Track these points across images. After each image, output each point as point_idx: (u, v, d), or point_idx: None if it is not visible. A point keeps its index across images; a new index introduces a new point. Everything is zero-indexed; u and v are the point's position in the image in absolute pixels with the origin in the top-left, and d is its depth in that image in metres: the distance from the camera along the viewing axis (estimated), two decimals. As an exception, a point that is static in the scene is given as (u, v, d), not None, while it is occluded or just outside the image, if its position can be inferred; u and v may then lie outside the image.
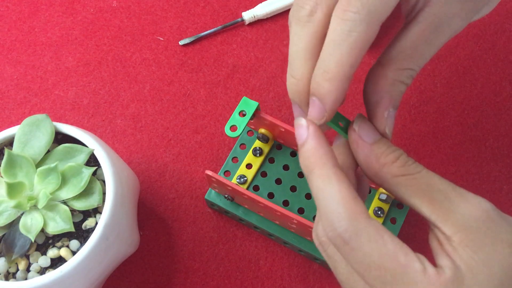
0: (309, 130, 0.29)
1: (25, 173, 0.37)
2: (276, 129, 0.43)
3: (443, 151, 0.48)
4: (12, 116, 0.50)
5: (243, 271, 0.44)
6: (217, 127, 0.49)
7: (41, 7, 0.55)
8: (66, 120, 0.50)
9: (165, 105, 0.50)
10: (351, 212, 0.26)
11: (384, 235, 0.26)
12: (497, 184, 0.47)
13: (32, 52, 0.53)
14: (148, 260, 0.45)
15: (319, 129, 0.29)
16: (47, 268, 0.36)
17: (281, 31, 0.54)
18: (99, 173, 0.39)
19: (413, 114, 0.50)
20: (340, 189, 0.27)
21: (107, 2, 0.55)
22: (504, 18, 0.54)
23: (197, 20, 0.54)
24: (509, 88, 0.51)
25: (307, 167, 0.29)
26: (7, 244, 0.36)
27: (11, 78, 0.52)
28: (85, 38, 0.54)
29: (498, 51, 0.52)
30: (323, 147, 0.28)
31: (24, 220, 0.36)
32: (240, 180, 0.44)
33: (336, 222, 0.26)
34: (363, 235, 0.26)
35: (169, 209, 0.46)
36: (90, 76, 0.52)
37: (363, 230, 0.26)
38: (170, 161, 0.48)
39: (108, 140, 0.49)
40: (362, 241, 0.26)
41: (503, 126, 0.49)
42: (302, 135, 0.29)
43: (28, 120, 0.38)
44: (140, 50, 0.53)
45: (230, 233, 0.45)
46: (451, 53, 0.52)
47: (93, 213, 0.38)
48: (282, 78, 0.51)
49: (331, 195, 0.27)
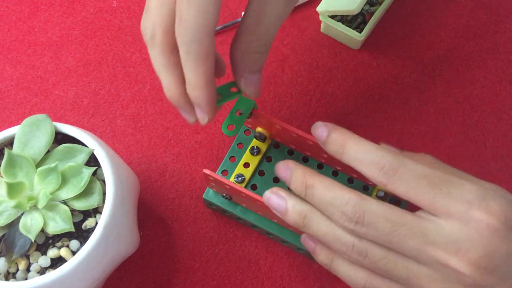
0: (328, 125, 0.35)
1: (25, 173, 0.37)
2: (273, 127, 0.43)
3: (443, 151, 0.48)
4: (12, 116, 0.50)
5: (243, 271, 0.44)
6: (217, 127, 0.49)
7: (41, 7, 0.55)
8: (66, 120, 0.50)
9: (165, 105, 0.50)
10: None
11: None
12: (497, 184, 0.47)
13: (32, 52, 0.53)
14: (148, 260, 0.45)
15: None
16: (47, 268, 0.36)
17: (281, 31, 0.54)
18: (99, 173, 0.39)
19: (413, 114, 0.50)
20: (373, 143, 0.34)
21: (107, 2, 0.55)
22: (504, 18, 0.54)
23: (197, 20, 0.54)
24: (509, 88, 0.51)
25: (340, 146, 0.34)
26: (7, 244, 0.36)
27: (11, 78, 0.52)
28: (85, 38, 0.54)
29: (498, 51, 0.52)
30: (346, 130, 0.35)
31: (24, 220, 0.36)
32: (238, 179, 0.44)
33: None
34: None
35: (169, 209, 0.46)
36: (90, 76, 0.52)
37: None
38: (170, 161, 0.48)
39: (108, 140, 0.49)
40: None
41: (503, 126, 0.49)
42: (324, 131, 0.35)
43: (28, 120, 0.38)
44: (140, 50, 0.53)
45: (230, 233, 0.45)
46: (451, 53, 0.52)
47: (93, 213, 0.38)
48: (282, 78, 0.51)
49: (371, 145, 0.33)
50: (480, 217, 0.29)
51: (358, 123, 0.49)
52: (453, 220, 0.30)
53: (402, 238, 0.30)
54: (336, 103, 0.50)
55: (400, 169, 0.31)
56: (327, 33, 0.53)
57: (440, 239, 0.30)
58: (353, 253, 0.32)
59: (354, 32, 0.50)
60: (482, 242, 0.29)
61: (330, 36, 0.53)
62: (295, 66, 0.52)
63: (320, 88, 0.51)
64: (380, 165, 0.31)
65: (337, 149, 0.34)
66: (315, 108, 0.50)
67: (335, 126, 0.35)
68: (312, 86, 0.51)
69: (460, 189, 0.30)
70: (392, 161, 0.31)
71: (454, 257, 0.29)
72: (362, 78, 0.51)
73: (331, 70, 0.52)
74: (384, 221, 0.30)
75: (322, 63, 0.52)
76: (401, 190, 0.31)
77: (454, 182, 0.30)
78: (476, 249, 0.29)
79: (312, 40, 0.53)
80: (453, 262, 0.29)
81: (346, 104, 0.50)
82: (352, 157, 0.33)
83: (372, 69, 0.52)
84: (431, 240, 0.30)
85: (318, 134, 0.35)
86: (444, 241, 0.29)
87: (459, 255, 0.29)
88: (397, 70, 0.52)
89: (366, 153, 0.32)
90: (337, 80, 0.51)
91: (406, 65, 0.52)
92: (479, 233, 0.29)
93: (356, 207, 0.31)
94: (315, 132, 0.35)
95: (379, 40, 0.53)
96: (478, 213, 0.29)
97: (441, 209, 0.30)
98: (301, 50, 0.53)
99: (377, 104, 0.50)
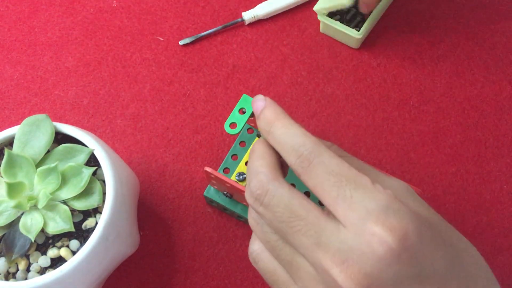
0: (267, 100, 0.32)
1: (25, 173, 0.37)
2: None
3: (443, 151, 0.48)
4: (12, 116, 0.50)
5: (243, 271, 0.44)
6: (217, 127, 0.49)
7: (41, 7, 0.55)
8: (66, 120, 0.50)
9: (165, 105, 0.50)
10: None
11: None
12: (497, 184, 0.47)
13: (32, 52, 0.53)
14: (148, 260, 0.45)
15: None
16: (47, 268, 0.36)
17: (281, 31, 0.54)
18: (99, 173, 0.39)
19: (413, 114, 0.50)
20: (302, 129, 0.30)
21: (107, 2, 0.55)
22: (504, 18, 0.54)
23: (197, 20, 0.55)
24: (509, 88, 0.51)
25: (268, 123, 0.31)
26: (7, 244, 0.36)
27: (11, 78, 0.52)
28: (85, 38, 0.54)
29: (498, 51, 0.52)
30: (281, 109, 0.31)
31: (24, 220, 0.36)
32: (239, 177, 0.44)
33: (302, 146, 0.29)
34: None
35: (169, 209, 0.46)
36: (90, 76, 0.52)
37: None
38: (170, 161, 0.48)
39: (108, 140, 0.49)
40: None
41: (503, 126, 0.49)
42: (260, 105, 0.32)
43: (28, 120, 0.38)
44: (140, 50, 0.53)
45: (230, 233, 0.45)
46: (451, 53, 0.52)
47: (93, 213, 0.38)
48: (282, 78, 0.51)
49: (299, 130, 0.30)
50: (375, 231, 0.26)
51: (358, 123, 0.49)
52: (349, 227, 0.27)
53: (295, 231, 0.28)
54: (336, 103, 0.50)
55: (315, 160, 0.28)
56: (326, 33, 0.53)
57: (332, 244, 0.27)
58: (251, 219, 0.31)
59: (353, 30, 0.50)
60: (371, 258, 0.26)
61: (330, 36, 0.53)
62: (295, 66, 0.52)
63: (320, 88, 0.51)
64: (299, 152, 0.29)
65: (264, 127, 0.31)
66: (315, 108, 0.50)
67: (272, 103, 0.32)
68: (312, 86, 0.51)
69: (365, 195, 0.27)
70: (312, 150, 0.29)
71: (337, 267, 0.26)
72: (362, 78, 0.51)
73: (331, 70, 0.52)
74: (283, 208, 0.28)
75: (322, 63, 0.52)
76: (310, 184, 0.28)
77: (363, 186, 0.27)
78: (362, 264, 0.26)
79: (312, 40, 0.53)
80: (335, 272, 0.26)
81: (346, 104, 0.50)
82: (277, 139, 0.30)
83: (372, 69, 0.52)
84: (322, 242, 0.27)
85: (255, 108, 0.32)
86: (334, 247, 0.27)
87: (342, 266, 0.26)
88: (397, 70, 0.52)
89: (290, 138, 0.30)
90: (337, 80, 0.51)
91: (406, 65, 0.52)
92: (370, 248, 0.26)
93: (262, 183, 0.29)
94: (253, 105, 0.33)
95: (379, 40, 0.53)
96: (373, 226, 0.26)
97: (340, 212, 0.27)
98: (301, 50, 0.53)
99: (377, 104, 0.50)
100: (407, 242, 0.26)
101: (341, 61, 0.52)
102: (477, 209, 0.46)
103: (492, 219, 0.46)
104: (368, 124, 0.49)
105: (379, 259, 0.26)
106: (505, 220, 0.46)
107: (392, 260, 0.26)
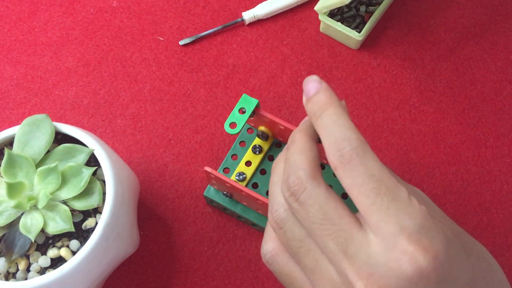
0: (323, 83, 0.31)
1: (25, 173, 0.37)
2: (276, 127, 0.43)
3: (443, 151, 0.48)
4: (12, 116, 0.50)
5: (243, 271, 0.44)
6: (217, 127, 0.49)
7: (41, 7, 0.55)
8: (66, 120, 0.50)
9: (165, 105, 0.50)
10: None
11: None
12: (497, 184, 0.47)
13: (32, 52, 0.53)
14: (148, 260, 0.45)
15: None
16: (47, 268, 0.36)
17: (281, 31, 0.54)
18: (99, 173, 0.39)
19: (413, 114, 0.50)
20: (352, 123, 0.29)
21: (107, 2, 0.55)
22: (504, 18, 0.54)
23: (197, 20, 0.55)
24: (509, 88, 0.51)
25: (320, 107, 0.30)
26: (7, 244, 0.36)
27: (11, 78, 0.52)
28: (85, 38, 0.54)
29: (498, 51, 0.52)
30: (336, 97, 0.30)
31: (24, 220, 0.36)
32: (239, 177, 0.44)
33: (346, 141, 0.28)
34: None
35: (169, 209, 0.46)
36: (90, 76, 0.52)
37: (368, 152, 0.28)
38: (170, 161, 0.48)
39: (108, 140, 0.49)
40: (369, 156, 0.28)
41: (503, 126, 0.49)
42: (314, 87, 0.31)
43: (28, 120, 0.38)
44: (140, 50, 0.53)
45: (230, 233, 0.45)
46: (451, 53, 0.52)
47: (93, 213, 0.38)
48: (282, 78, 0.51)
49: (348, 123, 0.29)
50: (407, 249, 0.25)
51: (358, 123, 0.49)
52: (380, 239, 0.26)
53: (325, 235, 0.27)
54: (336, 103, 0.50)
55: (356, 158, 0.27)
56: (326, 33, 0.53)
57: (360, 255, 0.26)
58: (273, 217, 0.30)
59: (353, 32, 0.50)
60: (398, 276, 0.25)
61: (330, 36, 0.53)
62: (295, 66, 0.52)
63: (320, 88, 0.51)
64: (341, 146, 0.28)
65: (315, 111, 0.30)
66: (315, 108, 0.50)
67: (328, 87, 0.31)
68: (312, 86, 0.51)
69: (401, 209, 0.26)
70: (356, 147, 0.27)
71: (361, 280, 0.26)
72: (362, 78, 0.51)
73: (330, 70, 0.52)
74: (317, 209, 0.28)
75: (321, 63, 0.52)
76: (345, 182, 0.27)
77: (400, 198, 0.26)
78: (387, 280, 0.25)
79: (312, 40, 0.53)
80: (359, 285, 0.26)
81: (346, 104, 0.50)
82: (324, 126, 0.29)
83: (372, 69, 0.52)
84: (350, 251, 0.26)
85: (307, 89, 0.31)
86: (362, 258, 0.26)
87: (368, 280, 0.26)
88: (397, 70, 0.52)
89: (337, 128, 0.28)
90: (337, 80, 0.51)
91: (406, 65, 0.52)
92: (399, 265, 0.25)
93: (301, 180, 0.28)
94: (306, 85, 0.31)
95: (379, 40, 0.53)
96: (406, 244, 0.25)
97: (373, 222, 0.26)
98: (301, 50, 0.53)
99: (377, 104, 0.50)
100: (437, 262, 0.25)
101: (341, 61, 0.52)
102: (477, 209, 0.46)
103: (492, 219, 0.46)
104: (368, 124, 0.49)
105: (406, 278, 0.25)
106: (505, 220, 0.46)
107: (420, 280, 0.25)
